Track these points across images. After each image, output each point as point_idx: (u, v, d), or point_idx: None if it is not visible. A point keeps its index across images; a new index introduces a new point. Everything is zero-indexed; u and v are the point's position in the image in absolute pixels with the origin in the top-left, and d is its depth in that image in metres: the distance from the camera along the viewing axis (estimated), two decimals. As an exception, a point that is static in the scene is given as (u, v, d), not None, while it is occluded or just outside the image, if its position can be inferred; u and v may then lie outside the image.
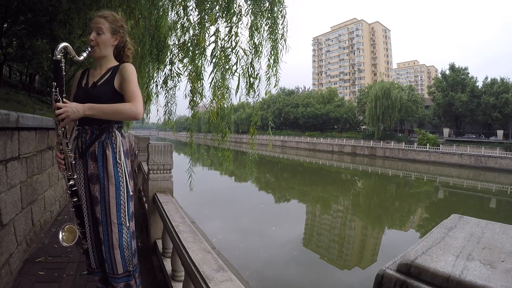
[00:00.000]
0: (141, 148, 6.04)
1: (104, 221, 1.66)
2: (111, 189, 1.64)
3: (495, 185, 22.38)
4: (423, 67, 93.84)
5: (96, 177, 1.64)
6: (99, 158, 1.64)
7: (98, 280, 1.78)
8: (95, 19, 1.67)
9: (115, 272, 1.69)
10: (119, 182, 1.66)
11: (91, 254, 1.73)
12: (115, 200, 1.65)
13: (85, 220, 1.71)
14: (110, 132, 1.67)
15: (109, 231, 1.66)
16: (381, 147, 39.41)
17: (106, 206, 1.64)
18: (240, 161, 20.71)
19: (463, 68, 39.33)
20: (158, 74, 5.57)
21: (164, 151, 3.03)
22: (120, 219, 1.67)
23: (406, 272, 0.57)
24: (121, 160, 1.66)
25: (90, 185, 1.66)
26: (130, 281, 1.73)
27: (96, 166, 1.64)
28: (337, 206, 14.47)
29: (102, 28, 1.64)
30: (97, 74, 1.70)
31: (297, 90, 70.79)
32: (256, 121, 4.34)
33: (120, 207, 1.67)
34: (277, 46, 3.94)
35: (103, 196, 1.64)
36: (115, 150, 1.66)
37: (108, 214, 1.65)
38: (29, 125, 2.79)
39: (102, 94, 1.62)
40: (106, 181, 1.63)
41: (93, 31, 1.65)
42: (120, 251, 1.67)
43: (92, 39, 1.63)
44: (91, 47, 1.63)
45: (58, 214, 4.20)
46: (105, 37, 1.66)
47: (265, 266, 6.60)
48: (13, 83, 12.93)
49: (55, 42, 7.69)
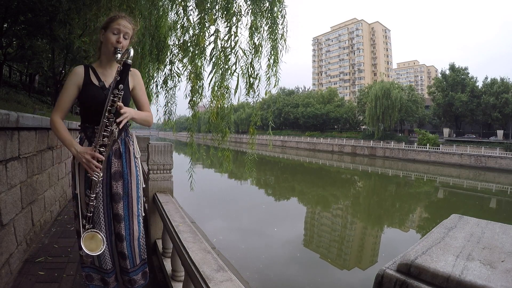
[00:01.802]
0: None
1: (126, 216, 1.73)
2: (133, 183, 1.75)
3: (495, 185, 22.38)
4: (423, 67, 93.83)
5: (119, 173, 1.71)
6: (123, 155, 1.72)
7: (99, 279, 1.79)
8: (123, 22, 1.65)
9: (135, 264, 1.78)
10: (137, 176, 1.78)
11: (108, 255, 1.73)
12: (136, 194, 1.76)
13: (102, 219, 1.69)
14: (127, 130, 1.78)
15: (131, 224, 1.74)
16: (381, 147, 39.41)
17: (129, 201, 1.73)
18: (240, 161, 20.71)
19: (463, 68, 39.34)
20: (158, 74, 5.57)
21: (164, 151, 3.03)
22: (138, 211, 1.78)
23: (406, 272, 0.57)
24: (138, 155, 1.81)
25: (113, 182, 1.69)
26: (146, 268, 1.87)
27: (120, 163, 1.71)
28: (337, 206, 14.47)
29: (129, 34, 1.68)
30: (110, 75, 1.71)
31: (297, 90, 70.81)
32: (256, 121, 4.33)
33: (139, 199, 1.79)
34: (277, 46, 3.93)
35: (127, 191, 1.72)
36: (134, 146, 1.79)
37: (131, 207, 1.74)
38: (29, 125, 2.79)
39: (127, 99, 1.70)
40: (129, 176, 1.73)
41: (120, 33, 1.63)
42: (138, 241, 1.78)
43: (120, 42, 1.63)
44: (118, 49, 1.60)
45: (58, 214, 4.20)
46: (128, 42, 1.69)
47: (266, 266, 6.59)
48: (13, 83, 12.94)
49: (55, 42, 7.69)
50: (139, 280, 1.82)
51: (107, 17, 1.71)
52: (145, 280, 1.87)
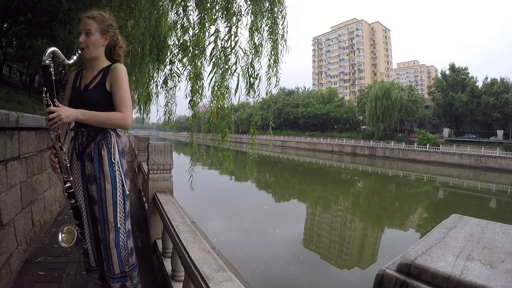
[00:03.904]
0: (141, 148, 6.04)
1: (102, 220, 1.69)
2: (108, 188, 1.66)
3: (495, 185, 22.38)
4: (423, 67, 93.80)
5: (93, 177, 1.66)
6: (95, 159, 1.66)
7: (98, 278, 1.80)
8: (83, 20, 1.65)
9: (112, 272, 1.72)
10: (115, 182, 1.68)
11: (91, 253, 1.75)
12: (111, 200, 1.67)
13: (84, 220, 1.72)
14: (105, 133, 1.69)
15: (106, 230, 1.68)
16: (381, 147, 39.39)
17: (103, 206, 1.67)
18: (240, 161, 20.70)
19: (463, 68, 39.30)
20: (158, 74, 5.57)
21: (164, 151, 3.03)
22: (116, 219, 1.69)
23: (406, 272, 0.57)
24: (115, 160, 1.68)
25: (88, 185, 1.68)
26: (125, 282, 1.74)
27: (92, 167, 1.66)
28: (337, 206, 14.47)
29: (90, 30, 1.63)
30: (89, 77, 1.69)
31: (297, 90, 70.79)
32: (256, 121, 4.33)
33: (117, 206, 1.69)
34: (277, 47, 3.93)
35: (100, 195, 1.67)
36: (110, 150, 1.68)
37: (105, 213, 1.67)
38: (29, 125, 2.79)
39: (95, 98, 1.62)
40: (103, 181, 1.66)
41: (82, 33, 1.63)
42: (117, 251, 1.69)
43: (82, 41, 1.61)
44: (81, 49, 1.61)
45: (58, 214, 4.20)
46: (95, 38, 1.64)
47: (267, 266, 6.59)
48: (13, 83, 12.94)
49: (55, 42, 7.68)
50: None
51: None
52: None
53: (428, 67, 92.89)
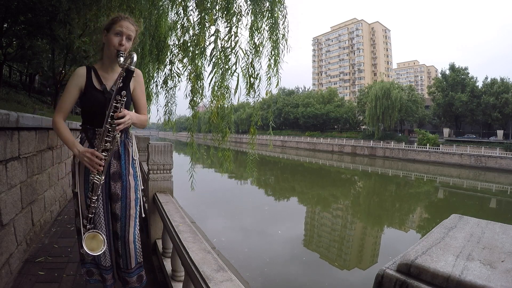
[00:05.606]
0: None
1: (123, 217, 1.73)
2: (131, 185, 1.75)
3: (495, 185, 22.38)
4: (423, 67, 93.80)
5: (119, 174, 1.71)
6: (122, 157, 1.73)
7: (99, 274, 1.82)
8: (126, 23, 1.63)
9: (129, 267, 1.77)
10: (136, 178, 1.78)
11: (107, 252, 1.76)
12: (134, 195, 1.76)
13: (102, 218, 1.72)
14: (127, 132, 1.78)
15: (127, 226, 1.74)
16: (381, 147, 39.40)
17: (127, 202, 1.73)
18: (241, 161, 20.72)
19: (463, 68, 39.33)
20: (158, 74, 5.58)
21: (164, 151, 3.02)
22: (136, 213, 1.78)
23: (406, 272, 0.57)
24: (136, 156, 1.80)
25: (111, 183, 1.71)
26: (141, 271, 1.85)
27: (119, 165, 1.72)
28: (337, 206, 14.47)
29: (131, 36, 1.66)
30: (111, 78, 1.70)
31: (297, 90, 70.80)
32: (256, 121, 4.33)
33: (137, 201, 1.78)
34: (278, 47, 3.92)
35: (125, 192, 1.72)
36: (133, 148, 1.79)
37: (128, 209, 1.74)
38: (29, 125, 2.79)
39: (128, 101, 1.70)
40: (127, 177, 1.74)
41: (121, 35, 1.61)
42: (134, 244, 1.76)
43: (123, 44, 1.61)
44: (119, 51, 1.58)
45: (58, 214, 4.19)
46: (130, 44, 1.67)
47: (267, 266, 6.59)
48: (13, 83, 12.94)
49: (55, 42, 7.68)
50: (133, 282, 1.82)
51: (110, 18, 1.69)
52: (140, 283, 1.86)
53: (428, 67, 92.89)
